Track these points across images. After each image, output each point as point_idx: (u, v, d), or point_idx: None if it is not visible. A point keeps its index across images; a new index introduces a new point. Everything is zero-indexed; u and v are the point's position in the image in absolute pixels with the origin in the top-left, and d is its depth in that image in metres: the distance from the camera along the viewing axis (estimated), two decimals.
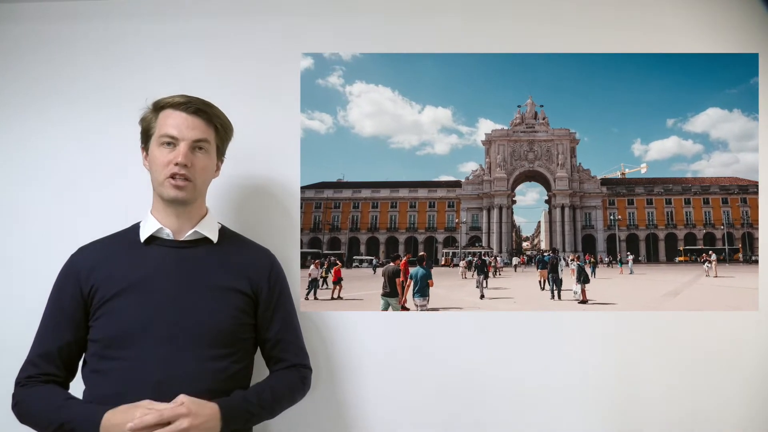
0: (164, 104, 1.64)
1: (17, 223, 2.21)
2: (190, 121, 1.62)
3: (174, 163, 1.59)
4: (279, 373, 1.76)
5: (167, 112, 1.63)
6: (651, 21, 2.31)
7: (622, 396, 2.17)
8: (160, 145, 1.61)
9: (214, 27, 2.27)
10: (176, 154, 1.59)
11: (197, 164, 1.63)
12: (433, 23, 2.30)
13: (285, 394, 1.70)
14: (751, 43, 2.28)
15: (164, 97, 1.65)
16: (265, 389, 1.64)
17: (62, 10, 2.28)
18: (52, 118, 2.25)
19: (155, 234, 1.66)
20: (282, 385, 1.71)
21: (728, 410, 2.17)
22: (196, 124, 1.63)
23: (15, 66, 2.27)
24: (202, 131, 1.64)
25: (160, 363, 1.51)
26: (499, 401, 2.17)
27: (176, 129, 1.60)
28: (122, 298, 1.56)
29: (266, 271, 1.76)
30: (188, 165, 1.60)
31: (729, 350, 2.18)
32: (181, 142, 1.60)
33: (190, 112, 1.62)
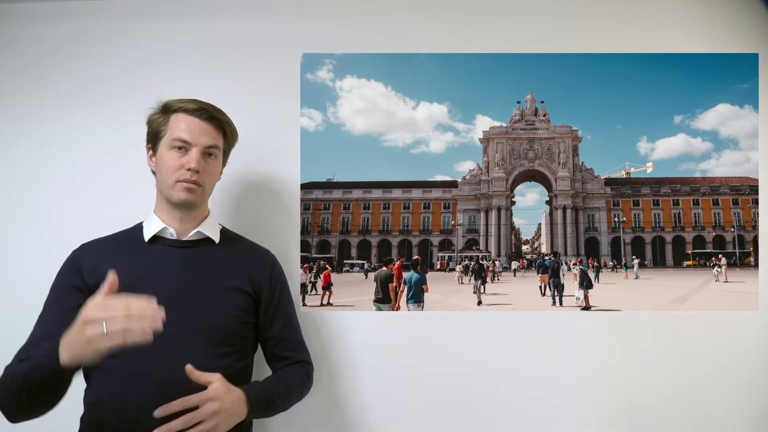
0: (177, 108, 1.73)
1: (17, 223, 2.32)
2: (203, 127, 1.72)
3: (186, 168, 1.69)
4: (286, 368, 1.86)
5: (180, 116, 1.72)
6: (650, 20, 2.39)
7: (621, 396, 2.25)
8: (171, 149, 1.70)
9: (214, 27, 2.38)
10: (189, 159, 1.69)
11: (207, 170, 1.74)
12: (434, 23, 2.39)
13: (296, 387, 1.82)
14: (750, 44, 2.37)
15: (176, 100, 1.74)
16: (281, 380, 1.77)
17: (62, 10, 2.39)
18: (52, 117, 2.35)
19: (159, 234, 1.75)
20: (293, 379, 1.83)
21: (729, 410, 2.24)
22: (209, 131, 1.73)
23: (14, 65, 2.39)
24: (213, 137, 1.75)
25: (162, 361, 1.56)
26: (498, 402, 2.25)
27: (190, 134, 1.70)
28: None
29: (267, 271, 1.86)
30: (200, 171, 1.70)
31: (729, 350, 2.26)
32: (194, 148, 1.70)
33: (203, 119, 1.72)
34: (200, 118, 1.71)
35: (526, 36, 2.39)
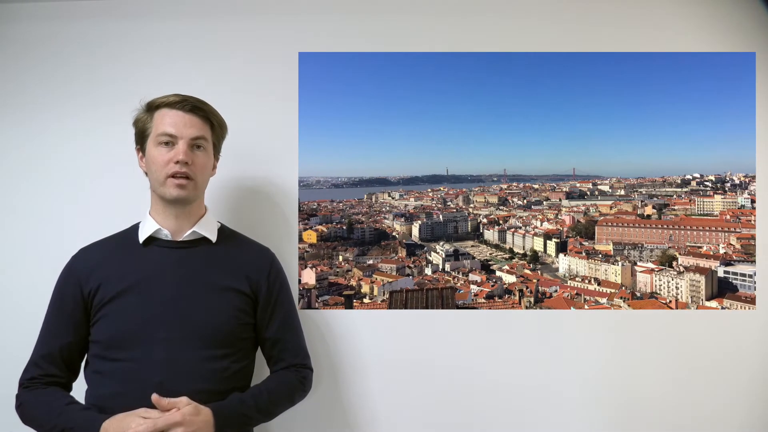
0: (159, 104, 1.71)
1: (17, 224, 2.31)
2: (188, 119, 1.69)
3: (174, 162, 1.66)
4: (278, 374, 1.83)
5: (163, 112, 1.70)
6: (649, 20, 2.37)
7: (621, 395, 2.27)
8: (158, 145, 1.68)
9: (211, 27, 2.36)
10: (176, 153, 1.66)
11: (197, 162, 1.71)
12: (435, 22, 2.37)
13: (283, 396, 1.78)
14: (747, 43, 2.34)
15: (158, 97, 1.72)
16: (263, 392, 1.71)
17: (62, 10, 2.38)
18: (51, 117, 2.35)
19: (154, 235, 1.74)
20: (280, 387, 1.78)
21: (728, 409, 2.26)
22: (194, 122, 1.70)
23: (11, 66, 2.37)
24: (200, 129, 1.72)
25: (161, 364, 1.59)
26: (504, 401, 2.26)
27: (174, 127, 1.68)
28: (121, 300, 1.65)
29: (265, 270, 1.84)
30: (189, 163, 1.67)
31: (728, 349, 2.27)
32: (180, 140, 1.67)
33: (186, 111, 1.70)
34: (183, 110, 1.69)
35: (524, 35, 2.38)
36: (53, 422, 1.55)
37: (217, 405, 1.58)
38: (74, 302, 1.68)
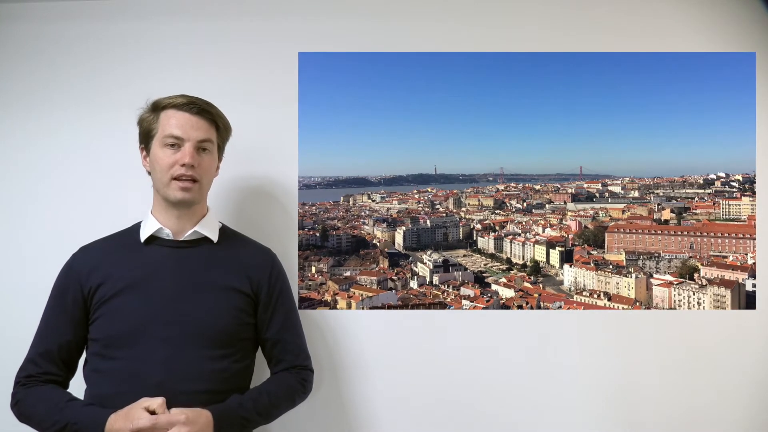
0: (166, 104, 1.77)
1: (17, 223, 2.42)
2: (194, 121, 1.76)
3: (180, 164, 1.73)
4: (278, 376, 1.90)
5: (170, 113, 1.76)
6: (649, 20, 2.47)
7: (621, 395, 2.37)
8: (164, 146, 1.74)
9: (211, 27, 2.48)
10: (182, 155, 1.73)
11: (203, 165, 1.78)
12: (434, 22, 2.48)
13: (283, 398, 1.84)
14: (748, 42, 2.44)
15: (164, 98, 1.79)
16: (262, 394, 1.77)
17: (62, 11, 2.49)
18: (52, 119, 2.45)
19: (155, 234, 1.80)
20: (280, 389, 1.84)
21: (728, 409, 2.35)
22: (200, 125, 1.77)
23: (14, 67, 2.47)
24: (206, 131, 1.78)
25: (160, 363, 1.65)
26: (504, 401, 2.37)
27: (181, 129, 1.74)
28: (122, 298, 1.71)
29: (266, 271, 1.91)
30: (195, 165, 1.74)
31: (727, 349, 2.37)
32: (186, 143, 1.74)
33: (194, 113, 1.76)
34: (190, 112, 1.76)
35: (522, 35, 2.49)
36: (55, 418, 1.59)
37: (217, 407, 1.63)
38: (74, 300, 1.74)
